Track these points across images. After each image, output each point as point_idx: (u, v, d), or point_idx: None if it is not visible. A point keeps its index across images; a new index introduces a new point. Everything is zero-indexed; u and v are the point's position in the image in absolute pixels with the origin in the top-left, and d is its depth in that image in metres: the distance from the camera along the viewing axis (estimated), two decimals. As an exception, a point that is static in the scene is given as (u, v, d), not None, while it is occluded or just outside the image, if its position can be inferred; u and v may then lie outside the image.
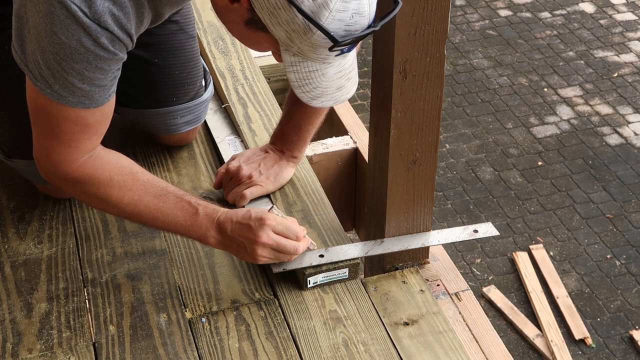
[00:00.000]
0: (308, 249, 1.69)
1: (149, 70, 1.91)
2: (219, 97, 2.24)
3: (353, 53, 1.38)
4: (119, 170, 1.59)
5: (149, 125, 2.01)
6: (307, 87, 1.37)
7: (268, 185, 1.85)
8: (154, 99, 1.94)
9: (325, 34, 1.24)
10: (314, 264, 1.68)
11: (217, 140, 2.08)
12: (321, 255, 1.69)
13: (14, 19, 1.42)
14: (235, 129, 2.11)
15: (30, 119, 1.53)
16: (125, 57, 1.45)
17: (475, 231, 1.79)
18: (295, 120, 1.84)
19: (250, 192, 1.82)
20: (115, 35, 1.38)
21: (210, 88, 2.05)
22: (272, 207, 1.72)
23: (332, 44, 1.25)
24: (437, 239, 1.77)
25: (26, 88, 1.48)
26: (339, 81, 1.38)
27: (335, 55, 1.32)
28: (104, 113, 1.52)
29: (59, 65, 1.38)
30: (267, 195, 1.87)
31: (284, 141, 1.87)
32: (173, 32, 1.90)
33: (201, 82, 2.00)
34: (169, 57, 1.92)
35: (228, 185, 1.85)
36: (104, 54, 1.39)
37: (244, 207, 1.82)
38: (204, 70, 2.04)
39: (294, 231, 1.64)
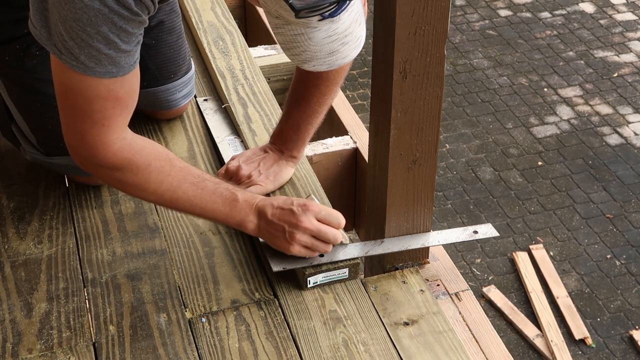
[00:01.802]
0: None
1: (147, 52, 1.96)
2: (219, 97, 2.24)
3: (349, 17, 1.33)
4: (156, 155, 1.57)
5: (149, 103, 2.05)
6: (295, 50, 1.34)
7: (267, 184, 1.85)
8: (154, 79, 2.02)
9: (285, 1, 1.23)
10: (314, 263, 1.68)
11: (217, 140, 2.08)
12: (321, 255, 1.69)
13: None
14: (235, 129, 2.11)
15: (59, 107, 1.50)
16: (147, 21, 1.43)
17: (475, 232, 1.79)
18: (294, 120, 1.85)
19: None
20: None
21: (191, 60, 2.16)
22: (310, 195, 1.72)
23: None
24: (437, 239, 1.77)
25: (52, 68, 1.46)
26: (330, 45, 1.34)
27: (319, 20, 1.29)
28: (132, 84, 1.50)
29: (83, 31, 1.36)
30: (267, 195, 1.87)
31: (283, 141, 1.88)
32: (167, 13, 2.00)
33: (189, 56, 2.11)
34: (165, 36, 2.00)
35: None
36: (128, 14, 1.37)
37: None
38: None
39: (336, 218, 1.64)
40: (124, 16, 1.37)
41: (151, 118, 2.15)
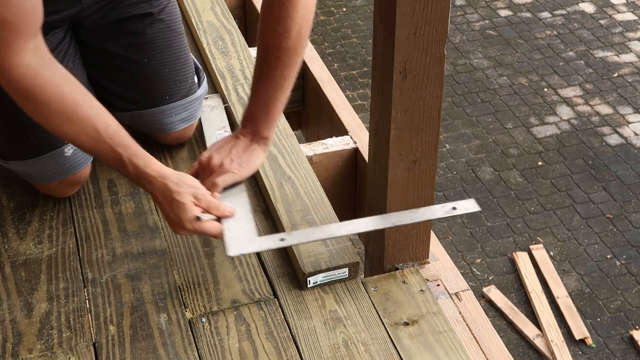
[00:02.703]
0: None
1: (139, 71, 1.93)
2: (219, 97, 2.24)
3: None
4: (58, 97, 1.54)
5: (144, 125, 2.01)
6: None
7: (241, 171, 1.77)
8: (147, 99, 1.96)
9: None
10: (272, 247, 1.63)
11: (206, 135, 2.03)
12: (282, 240, 1.62)
13: None
14: (228, 123, 2.08)
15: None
16: None
17: (454, 208, 1.71)
18: (261, 97, 1.78)
19: (222, 180, 1.74)
20: None
21: (204, 84, 2.07)
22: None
23: None
24: (409, 217, 1.67)
25: None
26: None
27: None
28: (20, 7, 1.45)
29: None
30: (242, 182, 1.83)
31: (253, 121, 1.80)
32: (161, 31, 1.94)
33: (193, 78, 2.03)
34: (158, 55, 1.94)
35: (201, 177, 1.79)
36: None
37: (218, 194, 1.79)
38: (196, 67, 2.07)
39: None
40: None
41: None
